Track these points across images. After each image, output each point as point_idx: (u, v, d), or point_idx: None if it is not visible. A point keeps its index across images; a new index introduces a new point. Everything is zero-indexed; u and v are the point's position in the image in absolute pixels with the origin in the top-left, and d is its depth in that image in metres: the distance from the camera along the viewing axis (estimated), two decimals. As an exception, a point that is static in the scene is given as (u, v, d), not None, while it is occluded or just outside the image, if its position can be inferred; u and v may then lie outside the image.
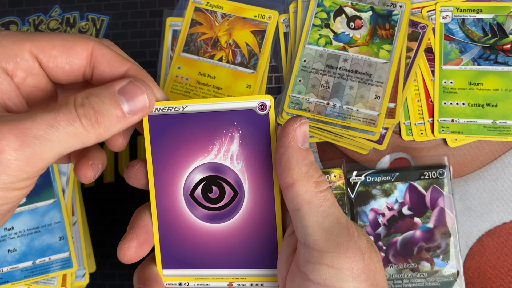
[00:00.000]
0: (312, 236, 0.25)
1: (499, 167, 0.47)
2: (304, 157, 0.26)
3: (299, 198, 0.26)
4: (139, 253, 0.30)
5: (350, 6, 0.48)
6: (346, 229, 0.26)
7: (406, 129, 0.48)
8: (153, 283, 0.30)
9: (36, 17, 0.54)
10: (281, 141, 0.27)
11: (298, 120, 0.27)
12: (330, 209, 0.26)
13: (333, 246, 0.25)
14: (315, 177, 0.26)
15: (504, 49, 0.47)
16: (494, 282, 0.45)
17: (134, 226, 0.30)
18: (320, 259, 0.25)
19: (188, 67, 0.50)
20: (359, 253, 0.25)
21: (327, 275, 0.25)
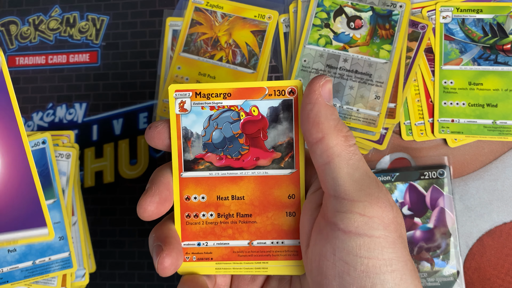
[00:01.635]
0: (343, 187, 0.26)
1: (499, 167, 0.47)
2: (332, 112, 0.27)
3: (330, 151, 0.26)
4: (160, 209, 0.29)
5: (350, 6, 0.48)
6: (375, 182, 0.26)
7: (406, 129, 0.48)
8: (172, 240, 0.29)
9: (36, 17, 0.54)
10: (308, 98, 0.27)
11: (324, 78, 0.27)
12: (359, 162, 0.26)
13: (364, 195, 0.26)
14: (344, 131, 0.27)
15: (504, 49, 0.47)
16: (494, 282, 0.45)
17: (156, 182, 0.29)
18: (352, 207, 0.25)
19: (188, 67, 0.50)
20: (389, 205, 0.26)
21: (359, 223, 0.25)
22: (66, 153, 0.47)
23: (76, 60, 0.53)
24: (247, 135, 0.29)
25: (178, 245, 0.30)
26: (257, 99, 0.29)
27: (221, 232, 0.30)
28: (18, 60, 0.53)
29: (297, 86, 0.28)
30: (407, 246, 0.26)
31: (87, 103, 0.52)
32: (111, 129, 0.51)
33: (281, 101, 0.29)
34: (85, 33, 0.53)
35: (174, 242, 0.29)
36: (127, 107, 0.51)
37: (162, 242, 0.29)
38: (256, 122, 0.29)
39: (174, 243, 0.29)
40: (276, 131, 0.29)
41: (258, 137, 0.29)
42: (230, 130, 0.29)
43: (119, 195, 0.50)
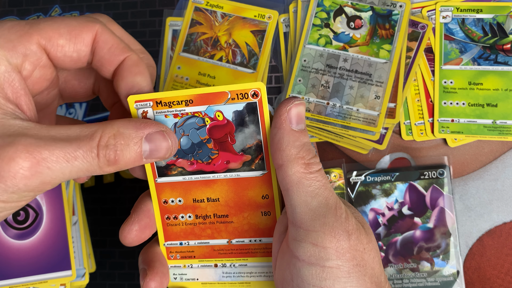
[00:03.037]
0: (300, 215, 0.26)
1: (499, 167, 0.47)
2: (295, 139, 0.26)
3: (288, 178, 0.26)
4: (140, 237, 0.30)
5: (350, 6, 0.48)
6: (333, 210, 0.26)
7: (406, 129, 0.48)
8: (157, 264, 0.30)
9: (36, 17, 0.54)
10: (274, 122, 0.27)
11: (292, 101, 0.27)
12: (319, 190, 0.26)
13: (319, 225, 0.26)
14: (306, 158, 0.26)
15: (504, 49, 0.47)
16: (494, 282, 0.45)
17: (136, 210, 0.31)
18: (305, 237, 0.26)
19: (188, 67, 0.50)
20: (345, 234, 0.25)
21: (312, 253, 0.25)
22: None
23: (76, 60, 0.53)
24: (215, 140, 0.30)
25: (163, 268, 0.31)
26: (220, 104, 0.28)
27: (200, 232, 0.31)
28: (18, 60, 0.53)
29: (260, 88, 0.28)
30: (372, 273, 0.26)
31: (87, 103, 0.52)
32: (111, 129, 0.51)
33: (245, 104, 0.28)
34: (85, 33, 0.53)
35: (159, 266, 0.30)
36: (127, 107, 0.51)
37: (147, 265, 0.30)
38: (222, 127, 0.29)
39: (158, 266, 0.30)
40: (244, 135, 0.29)
41: (226, 141, 0.30)
42: (197, 136, 0.30)
43: (119, 195, 0.50)
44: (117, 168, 0.25)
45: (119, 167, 0.25)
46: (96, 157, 0.24)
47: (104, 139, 0.24)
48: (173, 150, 0.27)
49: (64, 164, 0.23)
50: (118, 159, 0.24)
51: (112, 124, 0.25)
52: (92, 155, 0.24)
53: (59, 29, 0.26)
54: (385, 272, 0.45)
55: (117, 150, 0.24)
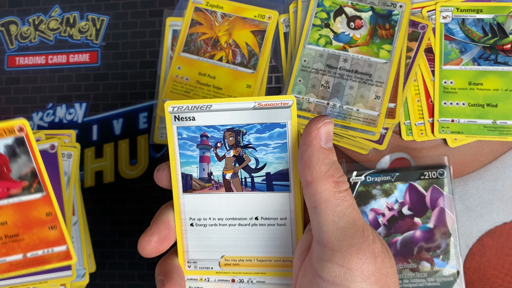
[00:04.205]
0: (326, 234, 0.26)
1: (499, 167, 0.47)
2: (325, 156, 0.26)
3: (317, 196, 0.26)
4: (159, 248, 0.30)
5: (350, 6, 0.48)
6: (361, 231, 0.26)
7: (406, 129, 0.48)
8: (175, 276, 0.30)
9: (36, 17, 0.54)
10: (304, 139, 0.27)
11: (323, 120, 0.27)
12: (347, 210, 0.26)
13: (345, 246, 0.25)
14: (335, 176, 0.26)
15: (504, 49, 0.47)
16: (494, 282, 0.45)
17: (156, 221, 0.31)
18: (331, 257, 0.25)
19: (188, 67, 0.50)
20: (372, 256, 0.25)
21: (337, 273, 0.25)
22: (67, 152, 0.47)
23: (76, 60, 0.53)
24: None
25: (180, 280, 0.31)
26: None
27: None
28: (18, 60, 0.53)
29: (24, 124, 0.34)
30: None
31: (87, 103, 0.52)
32: (111, 129, 0.51)
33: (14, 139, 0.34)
34: (85, 33, 0.53)
35: (177, 277, 0.30)
36: (127, 107, 0.51)
37: (165, 276, 0.30)
38: None
39: (176, 278, 0.30)
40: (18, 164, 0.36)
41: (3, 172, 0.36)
42: None
43: (119, 195, 0.50)
44: None
45: None
46: None
47: None
48: None
49: None
50: None
51: None
52: None
53: None
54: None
55: None
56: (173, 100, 0.31)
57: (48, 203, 0.37)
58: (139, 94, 0.51)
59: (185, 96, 0.49)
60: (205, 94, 0.49)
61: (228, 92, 0.49)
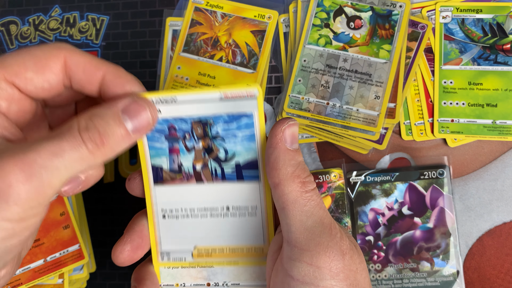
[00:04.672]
0: (295, 234, 0.26)
1: (499, 167, 0.47)
2: (291, 158, 0.27)
3: (285, 197, 0.27)
4: (132, 257, 0.30)
5: (350, 6, 0.48)
6: (328, 230, 0.26)
7: (406, 129, 0.48)
8: (147, 282, 0.31)
9: (36, 17, 0.54)
10: (270, 142, 0.27)
11: (287, 122, 0.27)
12: (315, 209, 0.26)
13: (313, 245, 0.26)
14: (302, 177, 0.27)
15: (504, 49, 0.47)
16: (494, 282, 0.45)
17: (129, 230, 0.31)
18: (300, 256, 0.26)
19: (188, 67, 0.50)
20: (339, 253, 0.26)
21: (306, 272, 0.25)
22: None
23: (76, 60, 0.53)
24: None
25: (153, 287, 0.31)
26: None
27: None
28: (18, 60, 0.53)
29: None
30: None
31: (87, 103, 0.52)
32: (111, 129, 0.51)
33: None
34: (85, 33, 0.53)
35: (149, 284, 0.31)
36: (127, 107, 0.51)
37: (138, 283, 0.31)
38: None
39: (149, 284, 0.31)
40: None
41: None
42: None
43: (119, 195, 0.50)
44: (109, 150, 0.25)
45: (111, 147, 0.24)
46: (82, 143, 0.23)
47: (82, 124, 0.24)
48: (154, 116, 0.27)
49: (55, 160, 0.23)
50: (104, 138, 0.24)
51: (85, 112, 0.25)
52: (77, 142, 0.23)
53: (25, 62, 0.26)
54: (385, 272, 0.45)
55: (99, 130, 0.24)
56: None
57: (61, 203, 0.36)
58: (139, 94, 0.51)
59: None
60: (205, 94, 0.49)
61: (228, 92, 0.49)
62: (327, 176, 0.47)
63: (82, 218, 0.49)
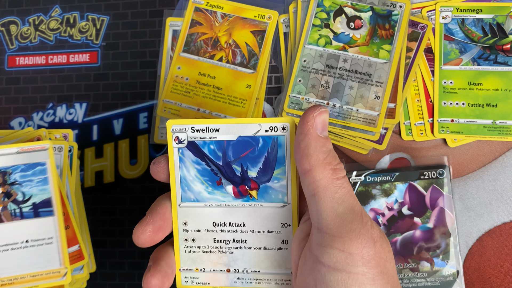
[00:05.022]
0: (326, 221, 0.26)
1: (499, 167, 0.47)
2: (322, 145, 0.27)
3: (316, 183, 0.26)
4: (153, 238, 0.30)
5: (350, 6, 0.48)
6: (359, 217, 0.26)
7: (406, 129, 0.48)
8: (162, 263, 0.31)
9: (36, 17, 0.54)
10: (301, 128, 0.27)
11: (318, 109, 0.27)
12: (345, 196, 0.26)
13: (345, 231, 0.26)
14: (333, 164, 0.27)
15: (504, 49, 0.47)
16: (494, 282, 0.45)
17: (152, 211, 0.31)
18: (332, 242, 0.26)
19: (188, 67, 0.50)
20: (371, 241, 0.26)
21: (338, 259, 0.25)
22: (58, 146, 0.47)
23: (76, 60, 0.53)
24: None
25: (167, 268, 0.31)
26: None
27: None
28: (18, 60, 0.53)
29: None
30: (393, 281, 0.26)
31: (87, 103, 0.52)
32: (111, 129, 0.51)
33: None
34: (85, 33, 0.53)
35: (164, 265, 0.31)
36: (127, 107, 0.51)
37: (153, 262, 0.31)
38: None
39: (163, 265, 0.31)
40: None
41: None
42: None
43: (119, 195, 0.50)
44: None
45: None
46: None
47: None
48: None
49: None
50: None
51: None
52: None
53: None
54: (385, 272, 0.45)
55: None
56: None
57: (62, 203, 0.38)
58: (139, 94, 0.51)
59: (185, 96, 0.49)
60: (205, 94, 0.49)
61: (228, 92, 0.49)
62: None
63: (82, 218, 0.49)
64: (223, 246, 0.31)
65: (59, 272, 0.39)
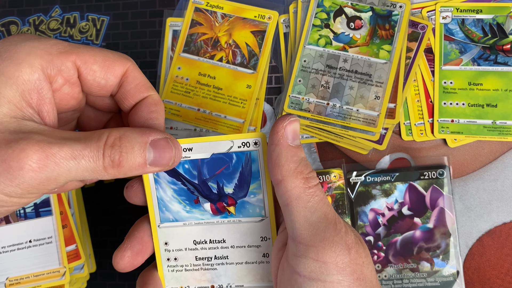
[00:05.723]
0: (299, 230, 0.26)
1: (499, 167, 0.47)
2: (293, 154, 0.27)
3: (288, 193, 0.27)
4: (133, 263, 0.31)
5: (350, 6, 0.48)
6: (333, 225, 0.26)
7: (406, 129, 0.48)
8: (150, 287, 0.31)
9: (37, 17, 0.54)
10: (271, 139, 0.27)
11: (288, 118, 0.27)
12: (318, 204, 0.26)
13: (318, 240, 0.26)
14: (305, 173, 0.27)
15: (504, 49, 0.47)
16: (494, 282, 0.45)
17: (130, 236, 0.31)
18: (306, 252, 0.26)
19: (188, 67, 0.50)
20: (345, 248, 0.26)
21: (312, 268, 0.25)
22: None
23: (76, 60, 0.53)
24: None
25: None
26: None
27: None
28: (18, 60, 0.53)
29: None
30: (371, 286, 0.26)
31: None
32: (111, 129, 0.51)
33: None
34: (85, 33, 0.53)
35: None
36: (127, 107, 0.51)
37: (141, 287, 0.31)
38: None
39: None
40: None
41: None
42: None
43: (119, 195, 0.50)
44: (121, 172, 0.26)
45: (123, 171, 0.26)
46: (101, 157, 0.25)
47: (110, 140, 0.25)
48: (176, 159, 0.28)
49: (71, 162, 0.24)
50: (122, 161, 0.25)
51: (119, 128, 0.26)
52: (98, 154, 0.24)
53: (96, 56, 0.28)
54: (385, 272, 0.45)
55: (122, 152, 0.25)
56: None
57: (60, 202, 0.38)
58: (139, 94, 0.51)
59: (186, 97, 0.49)
60: (205, 95, 0.49)
61: (228, 92, 0.49)
62: (327, 177, 0.47)
63: (83, 218, 0.49)
64: (205, 263, 0.32)
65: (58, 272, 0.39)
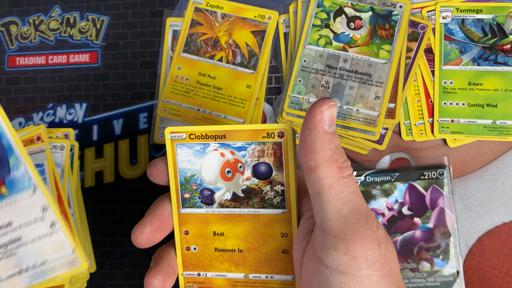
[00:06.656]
0: (330, 221, 0.25)
1: (499, 167, 0.47)
2: (329, 141, 0.25)
3: (321, 182, 0.25)
4: (151, 239, 0.30)
5: (350, 6, 0.48)
6: (365, 218, 0.25)
7: (406, 129, 0.48)
8: (163, 263, 0.31)
9: (36, 17, 0.54)
10: (307, 123, 0.26)
11: (327, 102, 0.26)
12: (351, 196, 0.25)
13: (349, 233, 0.25)
14: (339, 161, 0.25)
15: (504, 49, 0.47)
16: (494, 282, 0.45)
17: (150, 212, 0.31)
18: (335, 244, 0.25)
19: (188, 67, 0.50)
20: (376, 242, 0.25)
21: (341, 261, 0.25)
22: (60, 144, 0.48)
23: (76, 60, 0.53)
24: None
25: (169, 268, 0.31)
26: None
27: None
28: (18, 60, 0.53)
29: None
30: (398, 282, 0.25)
31: (87, 103, 0.52)
32: (111, 129, 0.51)
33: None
34: (85, 33, 0.53)
35: (165, 265, 0.31)
36: (127, 107, 0.51)
37: (154, 263, 0.31)
38: None
39: (164, 265, 0.31)
40: None
41: None
42: None
43: (119, 195, 0.50)
44: None
45: None
46: None
47: None
48: None
49: None
50: None
51: None
52: None
53: None
54: (385, 272, 0.45)
55: None
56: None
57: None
58: (139, 94, 0.51)
59: (186, 97, 0.49)
60: (205, 94, 0.49)
61: (228, 92, 0.49)
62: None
63: (82, 218, 0.49)
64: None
65: None
